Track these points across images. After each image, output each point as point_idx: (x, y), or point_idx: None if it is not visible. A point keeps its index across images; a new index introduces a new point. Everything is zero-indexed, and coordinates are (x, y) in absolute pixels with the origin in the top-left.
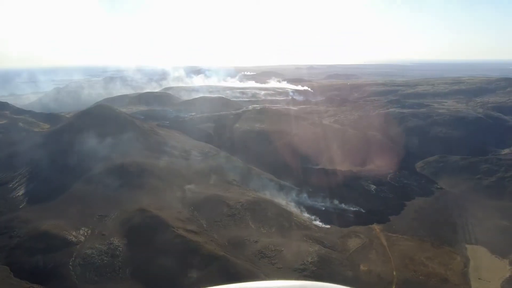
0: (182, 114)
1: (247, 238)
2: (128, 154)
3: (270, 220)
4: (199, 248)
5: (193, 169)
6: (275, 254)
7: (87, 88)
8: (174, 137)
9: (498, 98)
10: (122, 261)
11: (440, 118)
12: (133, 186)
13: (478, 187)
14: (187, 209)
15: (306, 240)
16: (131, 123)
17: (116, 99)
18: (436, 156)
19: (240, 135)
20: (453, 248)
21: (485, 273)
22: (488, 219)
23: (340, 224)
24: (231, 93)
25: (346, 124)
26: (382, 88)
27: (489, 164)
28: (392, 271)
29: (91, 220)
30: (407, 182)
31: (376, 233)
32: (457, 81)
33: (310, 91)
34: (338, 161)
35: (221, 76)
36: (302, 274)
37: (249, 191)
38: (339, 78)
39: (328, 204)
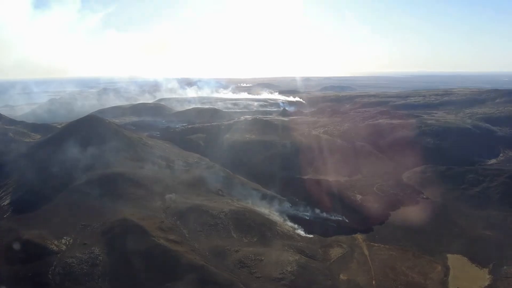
0: (173, 124)
1: (228, 247)
2: (114, 164)
3: (253, 230)
4: (179, 257)
5: (178, 179)
6: (255, 263)
7: (81, 100)
8: (162, 147)
9: (487, 109)
10: (102, 270)
11: (428, 129)
12: (117, 196)
13: (463, 197)
14: (170, 219)
15: (287, 250)
16: (119, 134)
17: (109, 110)
18: (423, 166)
19: (230, 145)
20: (434, 258)
21: (464, 282)
22: (471, 228)
23: (323, 234)
24: (224, 104)
25: (336, 134)
26: (373, 100)
27: (475, 174)
28: (372, 280)
29: (73, 229)
30: (393, 192)
31: (359, 243)
32: (447, 92)
33: (302, 102)
34: (326, 171)
35: (214, 87)
36: (280, 283)
37: (234, 201)
38: (334, 90)
39: (313, 213)
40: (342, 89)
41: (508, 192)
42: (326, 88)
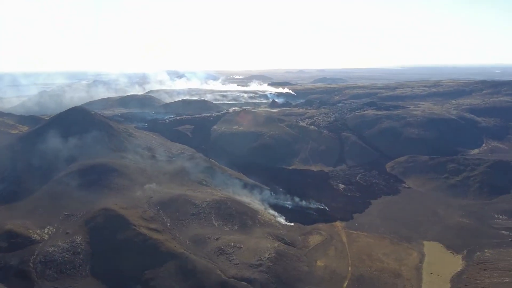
0: (162, 116)
1: (208, 235)
2: (99, 155)
3: (234, 218)
4: (159, 245)
5: (163, 170)
6: (234, 250)
7: (70, 92)
8: (148, 138)
9: (473, 100)
10: (83, 258)
11: (413, 120)
12: (101, 186)
13: (443, 186)
14: (153, 208)
15: (267, 237)
16: (105, 125)
17: (98, 102)
18: (406, 156)
19: (217, 136)
20: (411, 245)
21: (438, 267)
22: (449, 216)
23: (304, 222)
24: (213, 96)
25: (322, 125)
26: (362, 91)
27: (456, 163)
28: (348, 266)
29: (57, 219)
30: (375, 182)
31: (338, 230)
32: (436, 84)
33: (292, 94)
34: (311, 162)
35: (204, 79)
36: (258, 270)
37: (218, 191)
38: (326, 82)
39: (294, 202)
40: (335, 81)
41: (487, 181)
42: (318, 80)
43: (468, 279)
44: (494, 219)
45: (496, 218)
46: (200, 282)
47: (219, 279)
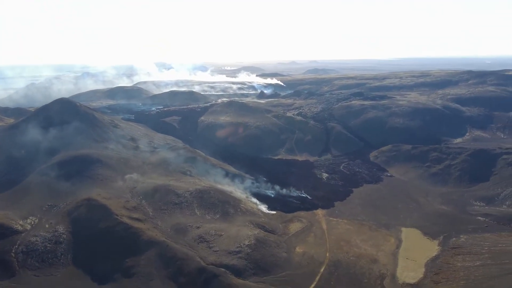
0: (149, 107)
1: (190, 224)
2: (83, 146)
3: (216, 207)
4: (140, 234)
5: (148, 161)
6: (214, 238)
7: (58, 84)
8: (134, 130)
9: (458, 90)
10: (65, 247)
11: (399, 110)
12: (85, 177)
13: (425, 175)
14: (136, 198)
15: (248, 225)
16: (90, 117)
17: (86, 94)
18: (389, 146)
19: (204, 127)
20: (389, 231)
21: (414, 253)
22: (429, 204)
23: (286, 210)
24: (201, 87)
25: (309, 116)
26: (351, 82)
27: (438, 152)
28: (326, 252)
29: (40, 210)
30: (358, 170)
31: (319, 218)
32: (424, 74)
33: (281, 85)
34: (297, 152)
35: (193, 70)
36: (237, 256)
37: (202, 181)
38: (318, 72)
39: (278, 191)
40: (326, 72)
41: (467, 169)
42: (310, 71)
43: (442, 263)
44: (472, 206)
45: (474, 205)
46: (180, 269)
47: (198, 266)
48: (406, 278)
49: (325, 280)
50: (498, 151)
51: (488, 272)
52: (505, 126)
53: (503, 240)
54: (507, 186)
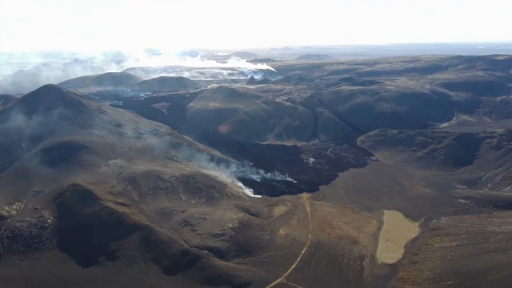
0: (138, 94)
1: (175, 208)
2: (70, 132)
3: (202, 192)
4: (124, 218)
5: (134, 147)
6: (199, 222)
7: (46, 71)
8: (122, 116)
9: (447, 75)
10: (50, 232)
11: (387, 95)
12: (71, 163)
13: (411, 158)
14: (122, 184)
15: (233, 209)
16: (77, 103)
17: (74, 80)
18: (376, 130)
19: (193, 113)
20: (371, 213)
21: (395, 235)
22: (412, 187)
23: (271, 194)
24: (191, 73)
25: (298, 101)
26: (342, 67)
27: (424, 136)
28: (308, 234)
29: (25, 195)
30: (345, 155)
31: (303, 201)
32: (414, 59)
33: (272, 71)
34: (285, 137)
35: (183, 56)
36: (220, 239)
37: (188, 166)
38: (311, 58)
39: (264, 176)
40: (319, 57)
41: (451, 153)
42: (303, 57)
43: (421, 244)
44: (454, 189)
45: (456, 188)
46: (163, 252)
47: (182, 249)
48: (385, 258)
49: (306, 261)
50: (482, 135)
51: (464, 252)
52: (491, 110)
53: (481, 221)
54: (489, 169)
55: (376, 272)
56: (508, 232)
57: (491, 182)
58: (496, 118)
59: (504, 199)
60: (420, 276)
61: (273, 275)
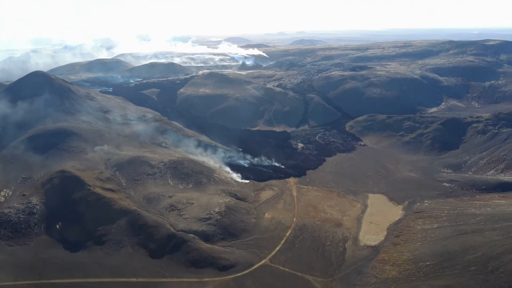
0: (128, 80)
1: (162, 194)
2: (59, 119)
3: (190, 177)
4: (112, 204)
5: (123, 133)
6: (186, 206)
7: (36, 58)
8: (111, 102)
9: (438, 60)
10: (38, 218)
11: (377, 80)
12: (60, 149)
13: (398, 143)
14: (110, 170)
15: (220, 194)
16: (66, 90)
17: (64, 67)
18: (365, 116)
19: (183, 99)
20: (356, 197)
21: (378, 218)
22: (398, 171)
23: (259, 179)
24: (183, 59)
25: (289, 87)
26: (334, 52)
27: (412, 121)
28: (293, 217)
29: (14, 182)
30: (333, 140)
31: (290, 186)
32: (406, 44)
33: (264, 56)
34: (275, 123)
35: (174, 41)
36: (206, 223)
37: (177, 152)
38: (305, 43)
39: (252, 161)
40: (313, 43)
41: (438, 138)
42: (297, 42)
43: (403, 226)
44: (439, 173)
45: (441, 172)
46: (150, 235)
47: (168, 232)
48: (368, 241)
49: (290, 243)
50: (469, 120)
51: (443, 234)
52: (480, 95)
53: (463, 204)
54: (474, 154)
55: (358, 254)
56: (487, 214)
57: (476, 166)
58: (485, 103)
59: (487, 183)
60: (400, 257)
61: (258, 257)
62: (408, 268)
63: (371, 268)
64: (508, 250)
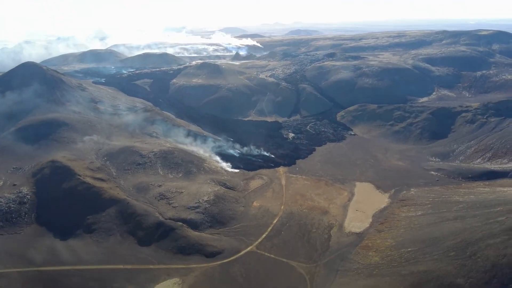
0: (121, 71)
1: (152, 183)
2: (50, 110)
3: (180, 167)
4: (101, 193)
5: (115, 123)
6: (175, 195)
7: (29, 49)
8: (104, 93)
9: (431, 50)
10: (29, 207)
11: (369, 70)
12: (52, 140)
13: (388, 133)
14: (101, 160)
15: (210, 183)
16: (57, 81)
17: (58, 58)
18: (356, 106)
19: (175, 90)
20: (343, 185)
21: (364, 205)
22: (387, 160)
23: (249, 168)
24: (176, 49)
25: (281, 77)
26: (328, 43)
27: (402, 111)
28: (281, 205)
29: (4, 172)
30: (324, 130)
31: (279, 175)
32: (400, 34)
33: (258, 46)
34: (267, 113)
35: (167, 32)
36: (195, 211)
37: (168, 142)
38: (300, 34)
39: (243, 151)
40: (308, 33)
41: (427, 127)
42: (292, 32)
43: (388, 214)
44: (427, 162)
45: (429, 160)
46: (139, 224)
47: (157, 221)
48: (353, 228)
49: (276, 230)
50: (458, 109)
51: (426, 220)
52: (471, 85)
53: (448, 192)
54: (462, 143)
55: (342, 240)
56: (469, 202)
57: (463, 154)
58: (475, 93)
59: (473, 171)
60: (383, 244)
61: (244, 244)
62: (390, 254)
63: (355, 254)
64: (486, 235)
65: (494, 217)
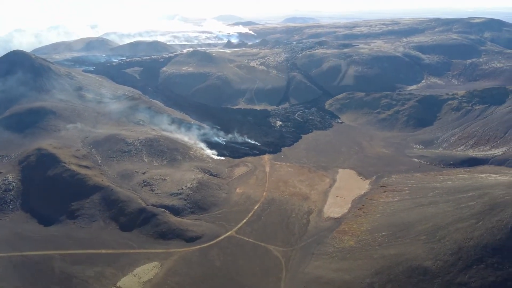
0: (112, 59)
1: (136, 170)
2: (38, 98)
3: (164, 154)
4: (86, 180)
5: (102, 111)
6: (158, 182)
7: (19, 38)
8: (92, 81)
9: (422, 38)
10: (14, 194)
11: (359, 58)
12: (39, 128)
13: (374, 120)
14: (86, 147)
15: (194, 170)
16: (46, 69)
17: (49, 47)
18: (344, 94)
19: (165, 78)
20: (326, 172)
21: (345, 191)
22: (371, 147)
23: (234, 156)
24: (168, 37)
25: (272, 65)
26: (321, 30)
27: (389, 99)
28: (263, 192)
29: None
30: (311, 118)
31: (264, 162)
32: (393, 22)
33: (252, 34)
34: (256, 101)
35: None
36: (177, 197)
37: (154, 130)
38: (296, 21)
39: (229, 139)
40: (305, 21)
41: (413, 115)
42: (288, 20)
43: (367, 199)
44: (411, 149)
45: (413, 147)
46: (121, 210)
47: (139, 207)
48: (332, 213)
49: (257, 216)
50: (444, 97)
51: (402, 206)
52: (460, 73)
53: (428, 178)
54: (447, 130)
55: (320, 225)
56: (446, 187)
57: (447, 142)
58: (464, 81)
59: (455, 158)
60: (359, 228)
61: (224, 229)
62: (365, 238)
63: (331, 239)
64: (456, 220)
65: (465, 202)
